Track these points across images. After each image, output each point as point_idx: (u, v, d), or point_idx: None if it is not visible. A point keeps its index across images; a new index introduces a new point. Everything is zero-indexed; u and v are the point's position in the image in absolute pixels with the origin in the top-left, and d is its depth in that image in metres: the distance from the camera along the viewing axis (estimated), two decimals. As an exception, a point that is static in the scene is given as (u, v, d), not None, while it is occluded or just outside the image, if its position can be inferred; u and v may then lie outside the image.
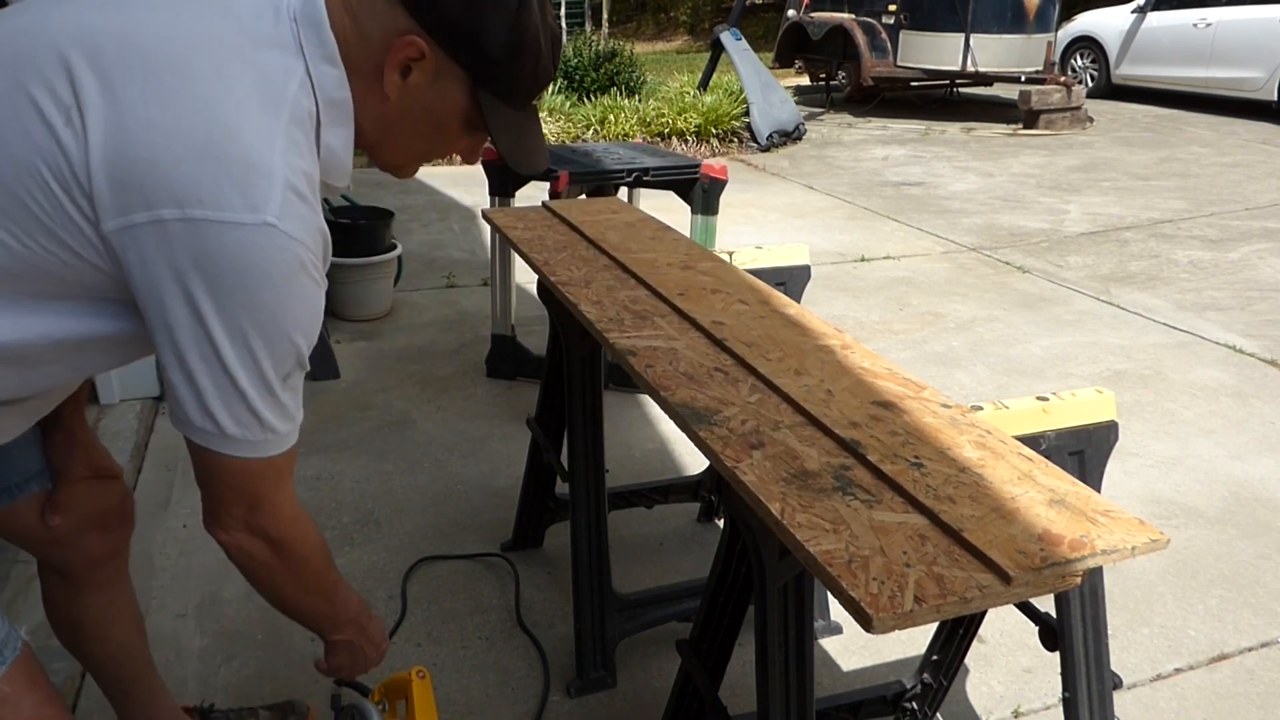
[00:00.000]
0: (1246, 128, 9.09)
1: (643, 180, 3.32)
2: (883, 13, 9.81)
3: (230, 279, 0.93)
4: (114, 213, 0.91)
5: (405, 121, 1.08)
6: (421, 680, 1.53)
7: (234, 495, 1.07)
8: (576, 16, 17.58)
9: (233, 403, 0.98)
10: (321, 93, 1.01)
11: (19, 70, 0.93)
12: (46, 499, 1.39)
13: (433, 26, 1.01)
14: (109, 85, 0.91)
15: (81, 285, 0.97)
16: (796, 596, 1.32)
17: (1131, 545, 1.03)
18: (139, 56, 0.93)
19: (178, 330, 0.94)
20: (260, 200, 0.92)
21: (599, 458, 2.07)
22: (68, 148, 0.90)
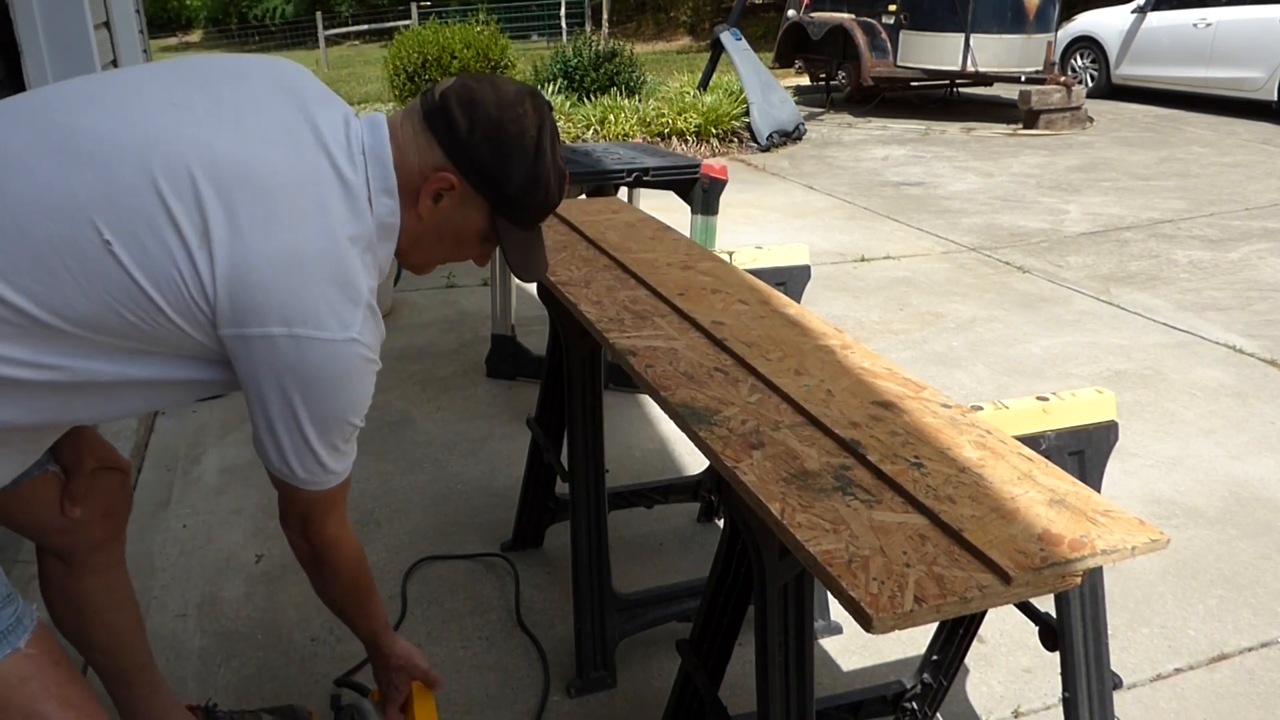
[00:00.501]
0: (1246, 128, 9.09)
1: (643, 180, 3.32)
2: (883, 13, 9.81)
3: (319, 380, 1.16)
4: (231, 323, 1.11)
5: (433, 236, 1.28)
6: (424, 697, 1.56)
7: (296, 510, 1.33)
8: (576, 16, 17.59)
9: (305, 458, 1.23)
10: (377, 219, 1.20)
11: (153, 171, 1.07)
12: (63, 490, 1.48)
13: (464, 166, 1.22)
14: (232, 212, 1.08)
15: (190, 349, 1.16)
16: (796, 596, 1.32)
17: (1131, 545, 1.03)
18: (257, 186, 1.10)
19: (270, 407, 1.17)
20: (350, 320, 1.15)
21: (599, 458, 2.07)
22: (200, 267, 1.08)
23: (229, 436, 3.10)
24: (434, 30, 8.63)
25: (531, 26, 20.24)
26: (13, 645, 1.14)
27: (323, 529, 1.35)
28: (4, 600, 1.15)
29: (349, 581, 1.45)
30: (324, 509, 1.33)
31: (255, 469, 2.90)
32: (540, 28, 20.34)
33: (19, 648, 1.14)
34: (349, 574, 1.44)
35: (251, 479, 2.86)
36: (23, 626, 1.16)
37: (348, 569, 1.43)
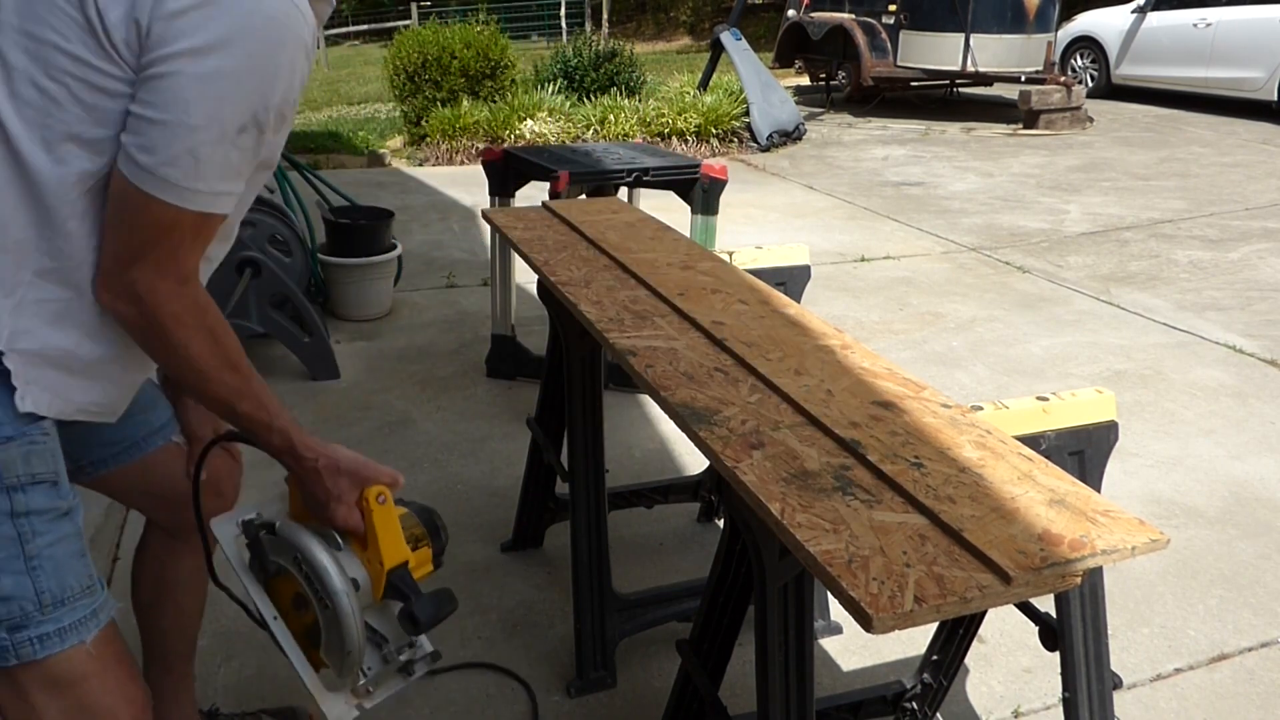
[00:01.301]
0: (1246, 128, 9.09)
1: (643, 180, 3.32)
2: (883, 13, 9.81)
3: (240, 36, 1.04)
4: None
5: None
6: (382, 505, 1.28)
7: (143, 246, 1.09)
8: (576, 16, 17.59)
9: (180, 154, 1.05)
10: None
11: None
12: (186, 456, 1.50)
13: None
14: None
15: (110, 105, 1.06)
16: (796, 596, 1.32)
17: (1131, 545, 1.03)
18: None
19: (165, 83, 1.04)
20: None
21: (599, 458, 2.07)
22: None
23: (229, 436, 3.10)
24: (434, 30, 8.63)
25: (531, 26, 20.24)
26: (80, 638, 1.16)
27: (179, 268, 1.11)
28: (83, 590, 1.18)
29: (219, 349, 1.16)
30: (171, 246, 1.09)
31: (255, 469, 2.90)
32: (540, 28, 20.34)
33: (85, 642, 1.16)
34: (209, 341, 1.15)
35: (251, 479, 2.85)
36: (96, 621, 1.18)
37: (217, 331, 1.15)
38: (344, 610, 1.24)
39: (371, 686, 1.31)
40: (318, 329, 3.49)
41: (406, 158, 8.05)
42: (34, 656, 1.13)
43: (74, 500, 1.20)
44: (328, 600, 1.25)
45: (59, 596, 1.14)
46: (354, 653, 1.26)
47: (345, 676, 1.29)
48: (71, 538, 1.17)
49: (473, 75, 8.40)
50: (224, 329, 1.17)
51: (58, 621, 1.14)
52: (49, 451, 1.16)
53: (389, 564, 1.28)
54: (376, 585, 1.28)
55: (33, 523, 1.12)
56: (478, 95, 8.35)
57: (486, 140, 7.67)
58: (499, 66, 8.57)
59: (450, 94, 8.28)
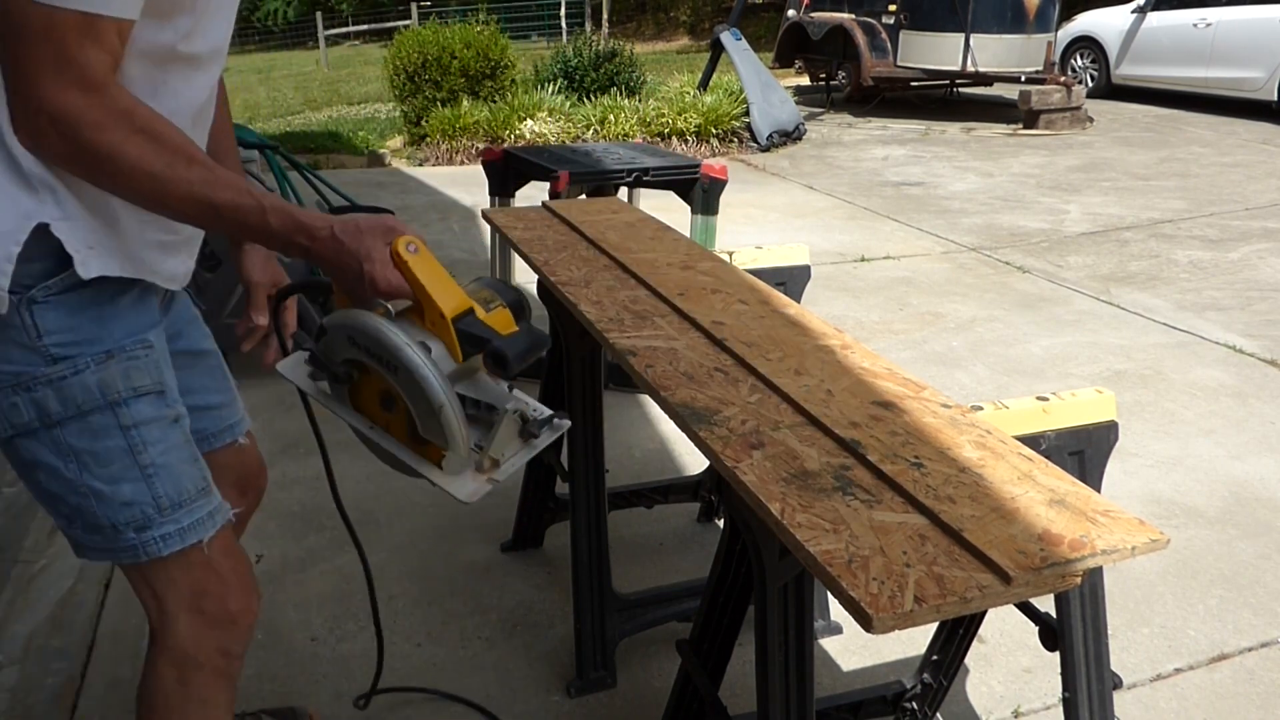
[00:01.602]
0: (1246, 128, 9.09)
1: (643, 180, 3.32)
2: (883, 13, 9.81)
3: None
4: None
5: None
6: (415, 254, 1.15)
7: (28, 62, 0.99)
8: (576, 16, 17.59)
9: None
10: None
11: None
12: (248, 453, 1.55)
13: None
14: None
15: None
16: (796, 596, 1.32)
17: (1131, 545, 1.03)
18: None
19: None
20: None
21: (599, 458, 2.07)
22: None
23: (229, 436, 3.10)
24: (434, 30, 8.63)
25: (531, 26, 20.24)
26: (198, 537, 1.24)
27: (56, 92, 1.00)
28: (199, 492, 1.24)
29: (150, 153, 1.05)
30: (57, 52, 0.99)
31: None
32: (540, 28, 20.34)
33: (203, 541, 1.24)
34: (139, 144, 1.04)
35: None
36: (213, 522, 1.25)
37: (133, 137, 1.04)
38: (411, 361, 1.13)
39: (494, 456, 1.21)
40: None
41: (406, 158, 8.06)
42: (159, 553, 1.21)
43: (181, 409, 1.24)
44: (393, 360, 1.13)
45: (176, 500, 1.21)
46: (445, 407, 1.13)
47: (454, 446, 1.16)
48: (182, 444, 1.22)
49: (473, 75, 8.41)
50: (161, 126, 1.06)
51: (177, 522, 1.22)
52: (151, 364, 1.18)
53: (450, 313, 1.15)
54: (450, 344, 1.16)
55: (142, 433, 1.17)
56: (478, 95, 8.36)
57: (486, 140, 7.67)
58: (499, 66, 8.58)
59: (450, 94, 8.28)
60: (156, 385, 1.19)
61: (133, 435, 1.17)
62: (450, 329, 1.15)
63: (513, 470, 1.23)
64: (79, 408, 1.14)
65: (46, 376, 1.12)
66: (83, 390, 1.13)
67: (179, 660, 1.28)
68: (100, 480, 1.17)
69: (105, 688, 2.02)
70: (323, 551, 2.49)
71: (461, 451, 1.17)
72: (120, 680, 2.04)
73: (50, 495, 1.20)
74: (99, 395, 1.14)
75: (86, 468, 1.16)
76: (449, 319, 1.15)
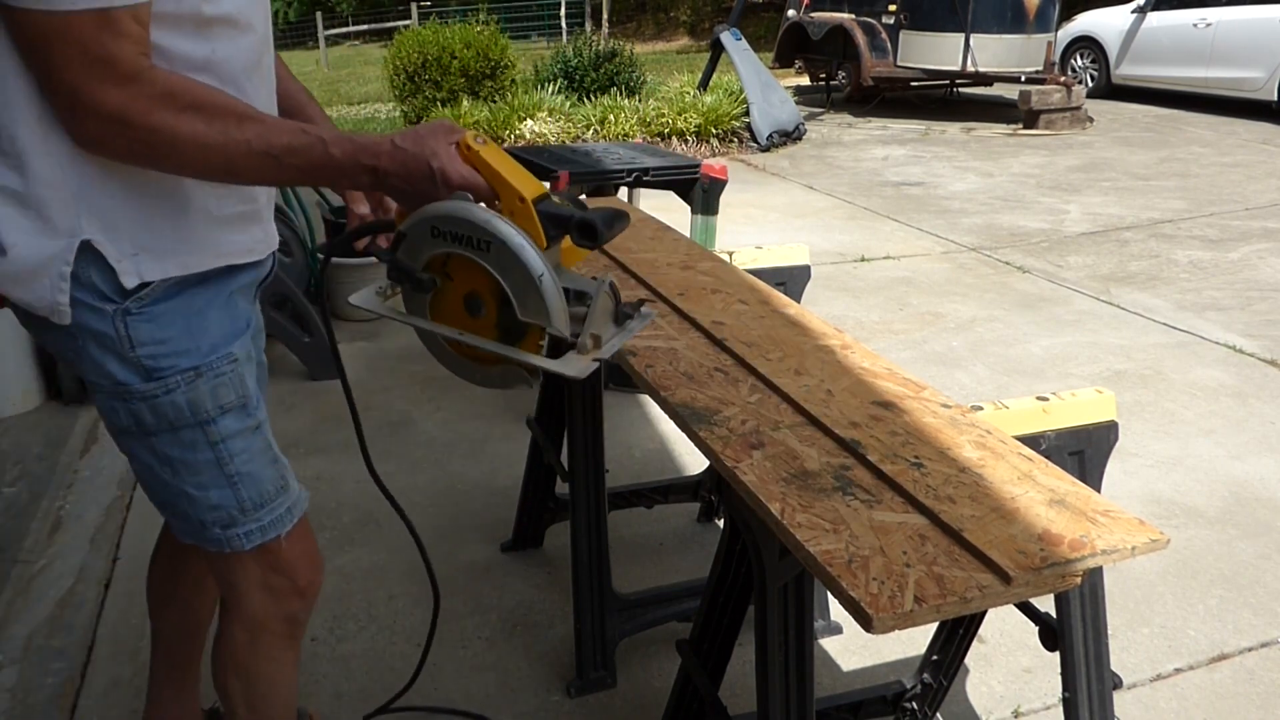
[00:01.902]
0: (1246, 128, 9.09)
1: (643, 180, 3.32)
2: (883, 13, 9.81)
3: None
4: None
5: None
6: (484, 145, 1.15)
7: (62, 70, 1.01)
8: (576, 16, 17.59)
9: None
10: None
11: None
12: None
13: None
14: None
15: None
16: (796, 596, 1.32)
17: (1131, 545, 1.03)
18: None
19: None
20: None
21: (599, 458, 2.07)
22: None
23: (229, 436, 3.10)
24: (434, 30, 8.64)
25: (531, 26, 20.24)
26: (277, 532, 1.34)
27: (100, 92, 1.01)
28: (278, 490, 1.33)
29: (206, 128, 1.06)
30: (84, 54, 1.00)
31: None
32: (540, 28, 20.34)
33: (281, 535, 1.34)
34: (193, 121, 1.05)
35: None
36: (290, 516, 1.35)
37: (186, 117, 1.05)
38: (504, 231, 1.10)
39: (595, 332, 1.18)
40: (318, 329, 3.49)
41: (406, 158, 8.04)
42: (242, 548, 1.32)
43: (261, 415, 1.31)
44: (484, 235, 1.10)
45: (258, 502, 1.31)
46: (544, 274, 1.11)
47: (555, 317, 1.13)
48: (263, 450, 1.31)
49: (473, 75, 8.41)
50: (205, 94, 1.07)
51: (259, 521, 1.32)
52: (236, 379, 1.25)
53: (531, 196, 1.13)
54: (532, 228, 1.13)
55: (229, 446, 1.26)
56: (478, 95, 8.36)
57: (486, 140, 7.65)
58: (499, 66, 8.58)
59: (450, 94, 8.28)
60: (240, 399, 1.26)
61: (220, 449, 1.25)
62: (532, 211, 1.13)
63: (613, 351, 1.20)
64: (171, 423, 1.22)
65: (141, 393, 1.19)
66: (173, 409, 1.21)
67: (250, 626, 1.40)
68: (190, 486, 1.27)
69: (105, 688, 2.02)
70: (323, 551, 2.48)
71: (562, 325, 1.15)
72: (120, 680, 2.04)
73: (147, 485, 1.31)
74: (189, 414, 1.22)
75: (178, 474, 1.26)
76: (529, 200, 1.13)
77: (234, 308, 1.28)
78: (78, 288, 1.12)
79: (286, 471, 1.36)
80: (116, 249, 1.12)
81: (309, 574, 1.42)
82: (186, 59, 1.09)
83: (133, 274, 1.13)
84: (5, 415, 3.14)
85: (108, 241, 1.12)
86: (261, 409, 1.32)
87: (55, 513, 2.63)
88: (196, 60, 1.11)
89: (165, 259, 1.16)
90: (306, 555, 1.41)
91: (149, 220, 1.14)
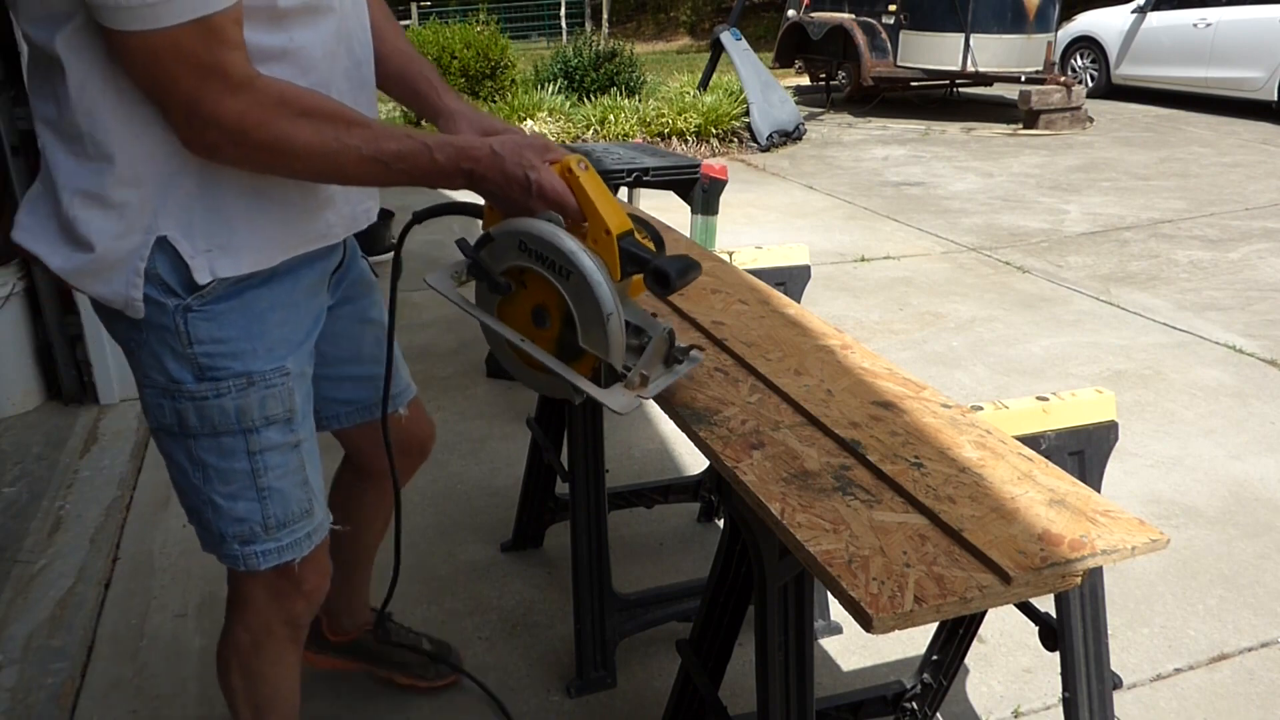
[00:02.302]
0: (1246, 128, 9.09)
1: (643, 180, 3.32)
2: (883, 13, 9.81)
3: None
4: None
5: None
6: (585, 171, 1.19)
7: (174, 83, 1.03)
8: (576, 16, 17.59)
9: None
10: None
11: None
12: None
13: None
14: None
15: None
16: (796, 596, 1.32)
17: (1131, 545, 1.03)
18: None
19: None
20: None
21: (599, 458, 2.07)
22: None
23: (229, 436, 3.10)
24: (434, 30, 8.64)
25: (531, 26, 20.24)
26: (294, 555, 1.35)
27: (214, 103, 1.04)
28: (302, 514, 1.34)
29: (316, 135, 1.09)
30: (196, 67, 1.02)
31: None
32: (540, 28, 20.34)
33: (295, 561, 1.35)
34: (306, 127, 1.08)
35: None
36: (310, 541, 1.36)
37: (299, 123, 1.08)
38: (585, 266, 1.14)
39: (644, 372, 1.23)
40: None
41: (406, 158, 8.05)
42: (256, 567, 1.33)
43: (304, 433, 1.32)
44: (567, 264, 1.15)
45: (282, 521, 1.31)
46: (614, 315, 1.16)
47: (614, 356, 1.19)
48: (296, 469, 1.31)
49: (473, 75, 8.41)
50: (315, 100, 1.11)
51: (278, 541, 1.32)
52: (285, 392, 1.27)
53: (616, 230, 1.17)
54: (611, 261, 1.18)
55: (266, 458, 1.27)
56: (478, 95, 8.36)
57: (486, 140, 7.65)
58: (499, 66, 8.58)
59: (450, 94, 8.27)
60: (286, 413, 1.28)
61: (257, 460, 1.26)
62: (614, 246, 1.17)
63: (657, 391, 1.25)
64: (214, 428, 1.23)
65: (191, 393, 1.21)
66: (220, 413, 1.22)
67: (252, 628, 1.42)
68: (219, 495, 1.27)
69: (105, 688, 2.02)
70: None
71: (618, 363, 1.19)
72: (120, 680, 2.04)
73: (178, 488, 1.32)
74: (235, 420, 1.23)
75: (210, 480, 1.26)
76: (614, 235, 1.17)
77: (297, 311, 1.29)
78: (146, 282, 1.15)
79: (315, 497, 1.36)
80: (191, 245, 1.15)
81: (315, 579, 1.43)
82: (263, 50, 1.10)
83: (205, 270, 1.16)
84: (5, 415, 3.15)
85: (183, 238, 1.14)
86: (305, 427, 1.33)
87: (55, 513, 2.63)
88: (274, 50, 1.12)
89: (239, 255, 1.18)
90: (315, 561, 1.41)
91: (226, 217, 1.16)
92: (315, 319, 1.36)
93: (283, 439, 1.28)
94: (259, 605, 1.41)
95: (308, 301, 1.32)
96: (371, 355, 1.56)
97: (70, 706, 1.97)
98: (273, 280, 1.24)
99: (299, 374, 1.30)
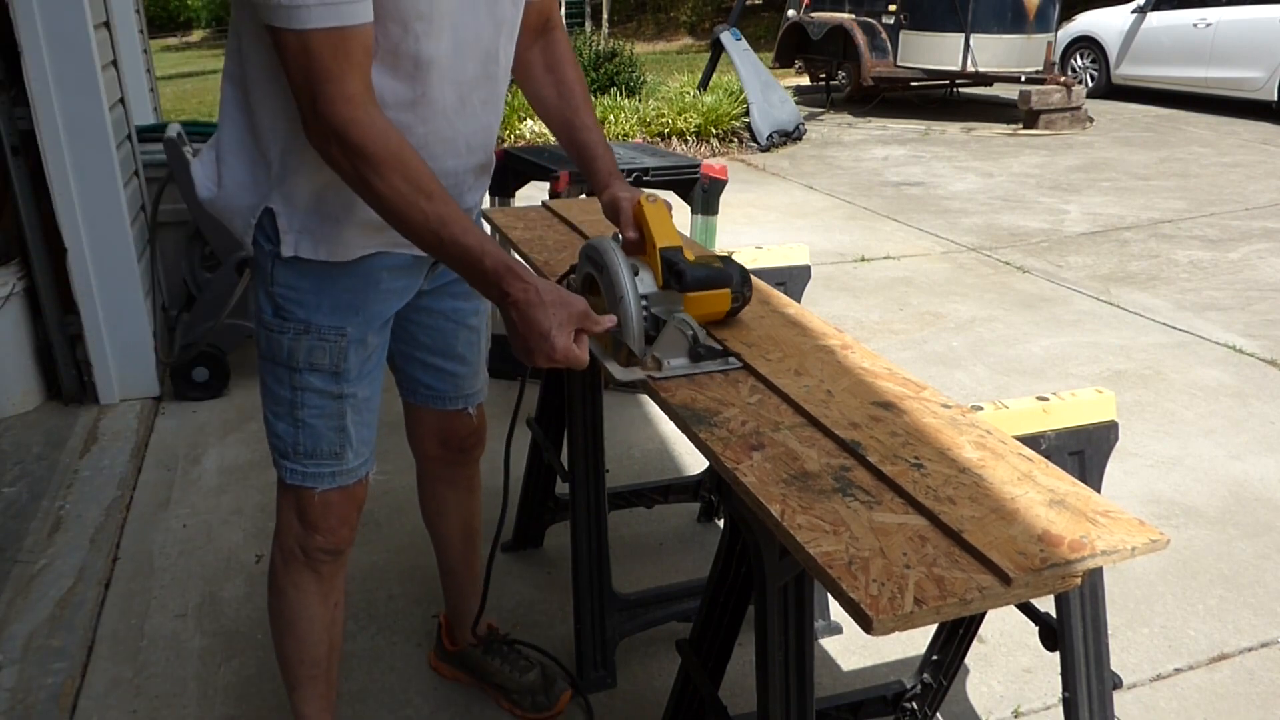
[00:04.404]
0: (1246, 128, 9.09)
1: (643, 180, 3.32)
2: (883, 13, 9.80)
3: None
4: None
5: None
6: (652, 204, 1.49)
7: (304, 81, 1.18)
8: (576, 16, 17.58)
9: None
10: None
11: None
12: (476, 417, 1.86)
13: None
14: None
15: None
16: (796, 596, 1.32)
17: (1131, 545, 1.03)
18: None
19: None
20: None
21: (599, 458, 2.07)
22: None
23: (229, 437, 3.10)
24: (434, 30, 8.61)
25: (531, 26, 20.16)
26: (314, 485, 1.52)
27: (329, 109, 1.17)
28: (330, 455, 1.51)
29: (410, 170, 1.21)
30: (321, 72, 1.16)
31: (255, 469, 2.90)
32: (540, 27, 20.27)
33: (316, 490, 1.52)
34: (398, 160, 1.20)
35: (251, 479, 2.86)
36: (332, 479, 1.52)
37: (402, 154, 1.21)
38: (611, 260, 1.41)
39: (658, 355, 1.41)
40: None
41: (406, 157, 8.05)
42: (285, 480, 1.53)
43: (351, 389, 1.49)
44: (601, 260, 1.43)
45: (309, 452, 1.50)
46: (625, 297, 1.39)
47: (629, 334, 1.40)
48: (334, 415, 1.49)
49: (473, 75, 8.39)
50: (410, 157, 1.22)
51: (304, 467, 1.51)
52: (336, 350, 1.45)
53: (660, 244, 1.46)
54: (655, 269, 1.46)
55: (305, 396, 1.47)
56: (478, 95, 8.34)
57: (486, 140, 7.65)
58: (499, 66, 8.56)
59: (450, 94, 8.27)
60: (333, 367, 1.46)
61: (298, 395, 1.46)
62: (657, 255, 1.46)
63: (674, 375, 1.40)
64: (274, 357, 1.46)
65: (267, 324, 1.45)
66: (279, 347, 1.45)
67: (282, 549, 1.60)
68: (269, 411, 1.50)
69: (105, 688, 2.02)
70: (323, 551, 2.49)
71: (634, 341, 1.40)
72: (120, 680, 2.04)
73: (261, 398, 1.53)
74: (286, 357, 1.45)
75: (266, 396, 1.51)
76: (657, 247, 1.47)
77: (374, 289, 1.46)
78: (257, 229, 1.40)
79: (349, 445, 1.52)
80: (288, 222, 1.38)
81: (333, 522, 1.57)
82: (396, 97, 1.29)
83: (291, 246, 1.38)
84: (5, 415, 3.15)
85: (284, 215, 1.37)
86: (358, 385, 1.49)
87: (55, 513, 2.63)
88: (404, 99, 1.30)
89: (318, 245, 1.39)
90: (339, 515, 1.56)
91: (320, 215, 1.37)
92: (397, 296, 1.52)
93: (324, 386, 1.46)
94: (285, 524, 1.58)
95: (390, 281, 1.48)
96: (459, 355, 1.73)
97: (70, 706, 1.97)
98: (350, 263, 1.42)
99: (359, 340, 1.47)
